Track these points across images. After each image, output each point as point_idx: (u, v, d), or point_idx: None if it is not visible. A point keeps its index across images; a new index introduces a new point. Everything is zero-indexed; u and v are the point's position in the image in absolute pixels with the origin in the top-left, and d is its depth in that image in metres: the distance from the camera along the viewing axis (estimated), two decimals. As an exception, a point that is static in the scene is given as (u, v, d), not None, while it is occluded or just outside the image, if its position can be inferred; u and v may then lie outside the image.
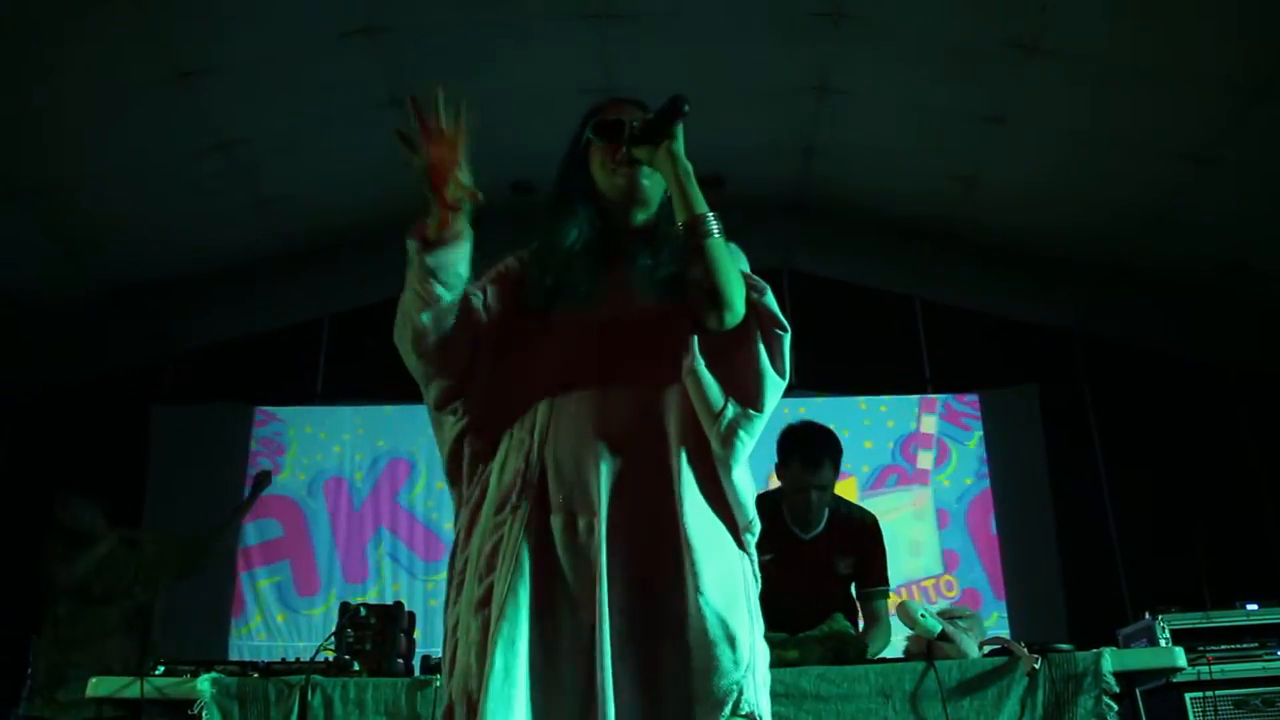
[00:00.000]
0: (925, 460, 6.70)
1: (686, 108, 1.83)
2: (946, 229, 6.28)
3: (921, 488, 6.62)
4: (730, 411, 1.82)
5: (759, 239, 7.61)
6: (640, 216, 2.00)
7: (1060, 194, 5.72)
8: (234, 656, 5.95)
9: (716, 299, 1.81)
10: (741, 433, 1.83)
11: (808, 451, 3.53)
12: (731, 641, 1.74)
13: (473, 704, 1.73)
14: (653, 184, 1.97)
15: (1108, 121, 5.09)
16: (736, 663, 1.74)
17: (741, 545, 1.87)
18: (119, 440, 6.58)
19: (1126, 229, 5.79)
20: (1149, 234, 5.75)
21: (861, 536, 3.64)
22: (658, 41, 5.06)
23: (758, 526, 1.90)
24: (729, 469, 1.84)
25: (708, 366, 1.84)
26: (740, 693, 1.73)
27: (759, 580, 1.91)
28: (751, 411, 1.84)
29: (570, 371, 1.90)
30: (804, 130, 5.81)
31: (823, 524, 3.61)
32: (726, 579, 1.80)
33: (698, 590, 1.74)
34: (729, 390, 1.84)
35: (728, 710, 1.72)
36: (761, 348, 1.86)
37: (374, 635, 3.00)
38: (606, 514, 1.77)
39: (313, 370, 6.94)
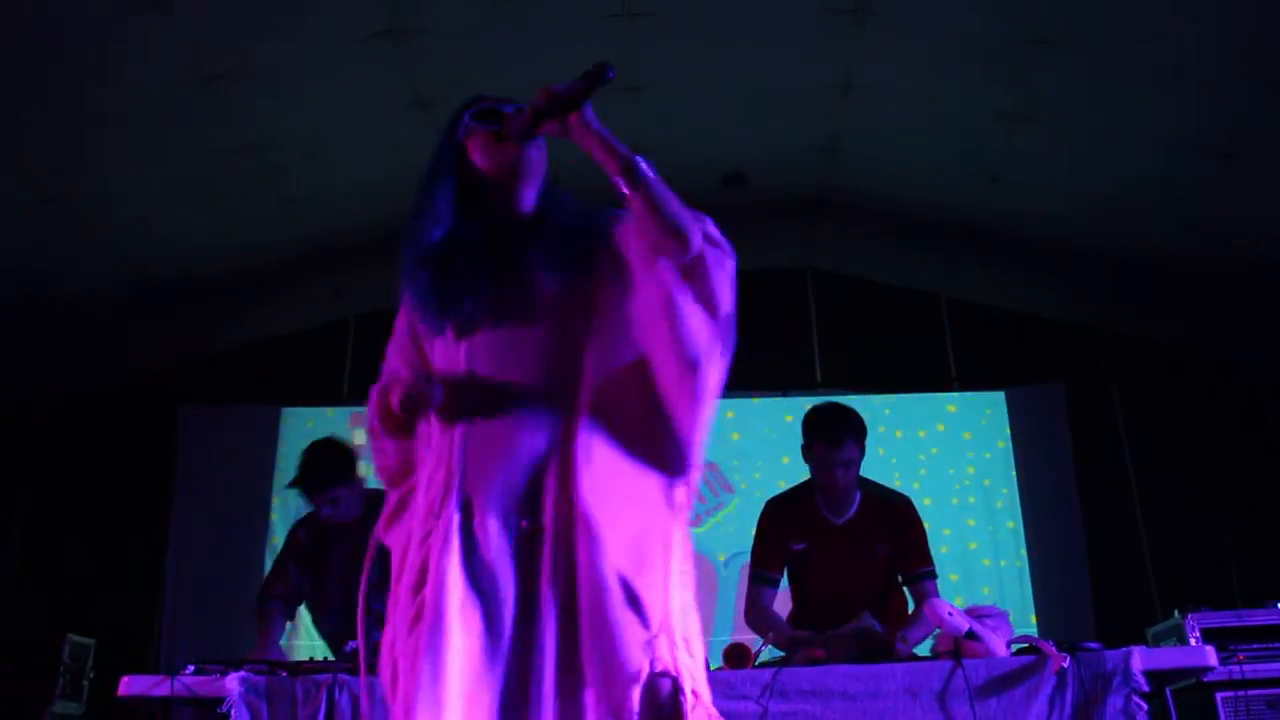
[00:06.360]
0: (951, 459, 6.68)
1: (610, 74, 1.80)
2: (971, 226, 6.25)
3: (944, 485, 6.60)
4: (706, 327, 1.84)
5: (783, 237, 7.63)
6: (530, 195, 2.01)
7: (1085, 190, 5.68)
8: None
9: (674, 234, 1.83)
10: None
11: (829, 429, 3.53)
12: (636, 603, 1.75)
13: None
14: (540, 155, 1.99)
15: (1132, 117, 5.05)
16: (645, 624, 1.75)
17: (669, 501, 1.88)
18: (148, 441, 6.65)
19: (1152, 225, 5.74)
20: (1175, 230, 5.70)
21: (896, 518, 3.61)
22: (680, 41, 5.07)
23: (697, 473, 1.91)
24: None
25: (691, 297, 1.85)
26: (653, 653, 1.74)
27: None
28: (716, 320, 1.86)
29: (479, 370, 1.92)
30: (827, 128, 5.80)
31: (855, 507, 3.60)
32: (638, 539, 1.81)
33: (601, 557, 1.75)
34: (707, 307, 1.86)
35: (644, 672, 1.72)
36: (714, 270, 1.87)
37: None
38: (526, 508, 1.80)
39: (339, 371, 6.98)
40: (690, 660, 1.80)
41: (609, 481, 1.83)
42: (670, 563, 1.84)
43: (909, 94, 5.38)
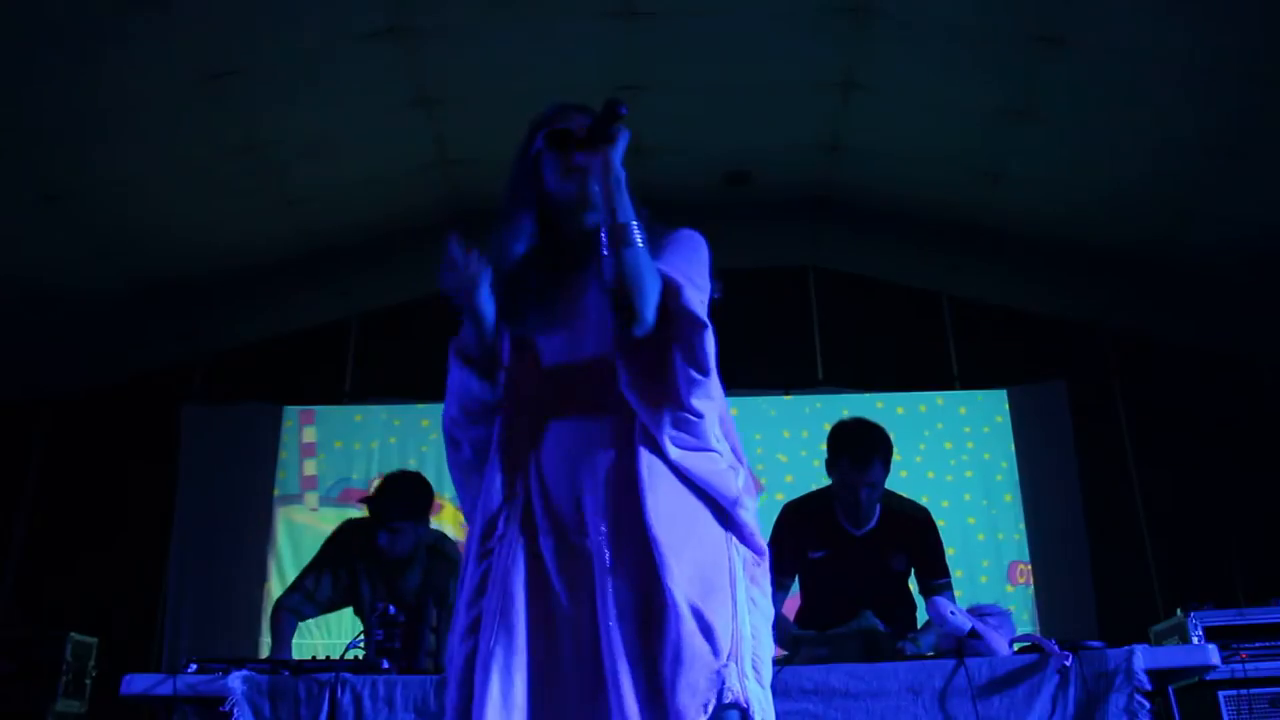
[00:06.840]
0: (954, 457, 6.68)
1: (623, 110, 1.86)
2: (974, 224, 6.24)
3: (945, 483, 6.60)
4: (666, 420, 1.86)
5: (785, 235, 7.61)
6: (592, 218, 2.01)
7: (1088, 188, 5.68)
8: (265, 655, 6.00)
9: (627, 310, 1.84)
10: (684, 434, 1.87)
11: (856, 450, 3.53)
12: (709, 632, 1.75)
13: None
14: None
15: (1134, 115, 5.05)
16: (716, 652, 1.75)
17: (731, 523, 1.90)
18: (149, 440, 6.65)
19: (1156, 222, 5.73)
20: (1178, 227, 5.69)
21: (914, 531, 3.64)
22: (681, 40, 5.06)
23: (751, 501, 1.93)
24: (682, 462, 1.87)
25: (641, 373, 1.88)
26: (723, 683, 1.74)
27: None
28: (684, 415, 1.87)
29: (542, 392, 1.95)
30: (830, 127, 5.79)
31: (875, 520, 3.60)
32: (703, 567, 1.82)
33: (671, 584, 1.75)
34: (658, 400, 1.87)
35: (711, 702, 1.72)
36: (677, 350, 1.88)
37: (403, 633, 3.02)
38: (594, 530, 1.81)
39: (341, 369, 6.98)
40: (760, 689, 1.81)
41: (675, 507, 1.84)
42: (736, 591, 1.85)
43: (910, 92, 5.38)
